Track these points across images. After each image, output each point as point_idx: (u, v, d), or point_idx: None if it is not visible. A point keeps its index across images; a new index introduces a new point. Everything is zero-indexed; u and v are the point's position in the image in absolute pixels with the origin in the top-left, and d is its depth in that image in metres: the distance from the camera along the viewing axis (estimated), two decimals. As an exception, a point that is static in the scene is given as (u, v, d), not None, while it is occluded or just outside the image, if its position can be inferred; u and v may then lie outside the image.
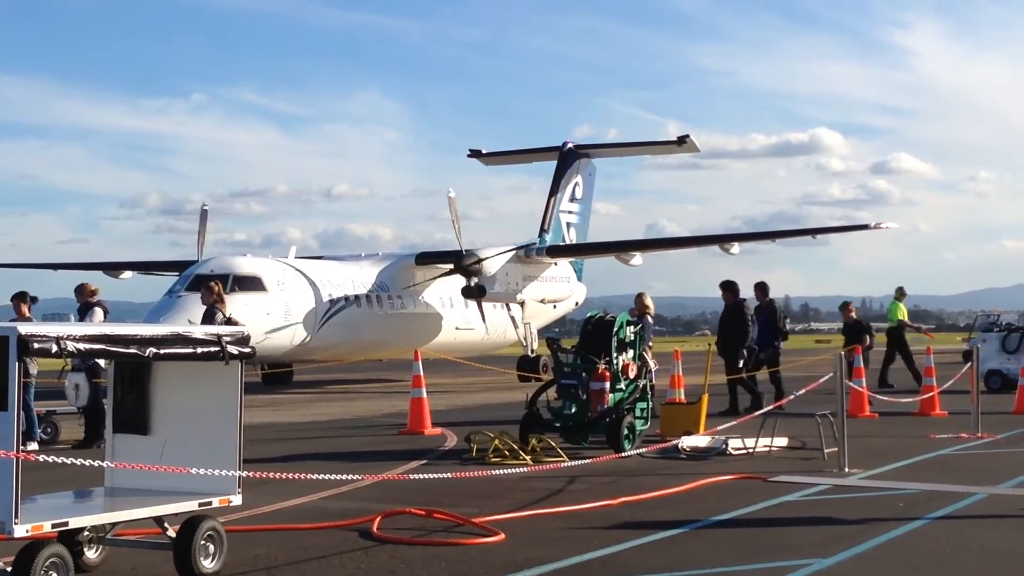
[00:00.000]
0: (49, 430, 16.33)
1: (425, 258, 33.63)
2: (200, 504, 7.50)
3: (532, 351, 35.45)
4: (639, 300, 16.96)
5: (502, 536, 8.74)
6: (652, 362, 15.73)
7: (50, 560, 6.61)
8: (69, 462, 6.78)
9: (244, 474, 7.79)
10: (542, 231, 38.40)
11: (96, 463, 6.97)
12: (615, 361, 14.80)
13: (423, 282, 32.92)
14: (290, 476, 8.08)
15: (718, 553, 8.27)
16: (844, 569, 7.71)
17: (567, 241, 39.42)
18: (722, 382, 20.18)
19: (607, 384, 14.57)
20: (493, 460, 13.44)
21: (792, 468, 12.85)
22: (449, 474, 10.67)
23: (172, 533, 7.50)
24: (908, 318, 29.80)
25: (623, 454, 13.13)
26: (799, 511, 10.14)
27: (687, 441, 14.27)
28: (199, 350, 7.43)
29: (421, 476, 9.94)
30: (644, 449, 13.97)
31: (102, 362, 14.05)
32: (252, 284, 28.31)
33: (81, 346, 6.69)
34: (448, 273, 32.45)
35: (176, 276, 29.92)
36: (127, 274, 38.82)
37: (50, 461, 7.11)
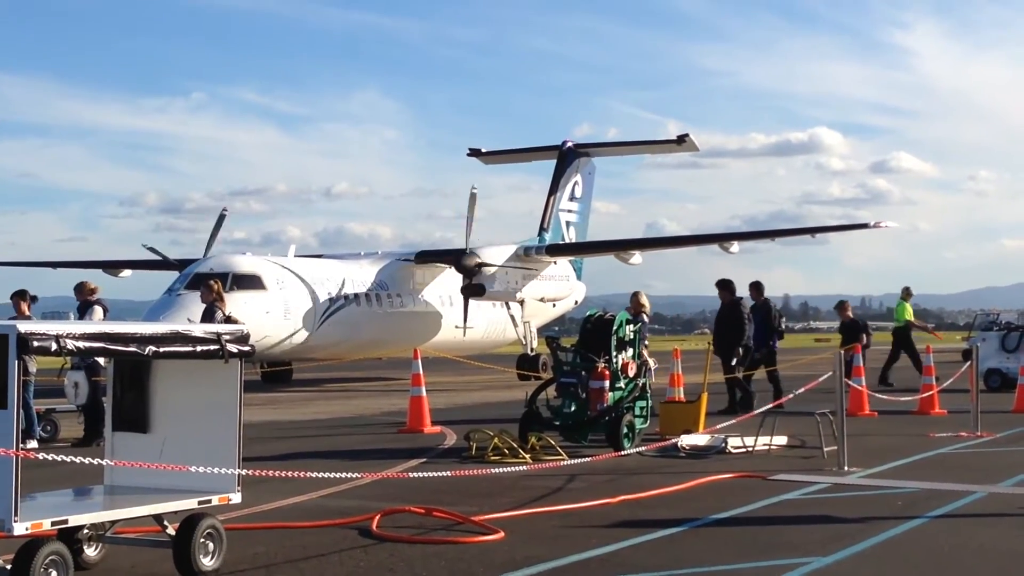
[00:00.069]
0: (49, 428, 16.33)
1: (425, 257, 33.62)
2: (199, 502, 7.50)
3: (531, 350, 35.46)
4: (635, 299, 16.92)
5: (501, 534, 8.74)
6: (652, 361, 15.72)
7: (50, 558, 6.60)
8: (69, 460, 6.78)
9: (243, 472, 7.79)
10: (542, 230, 38.41)
11: (95, 461, 6.96)
12: (614, 360, 14.81)
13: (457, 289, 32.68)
14: (289, 474, 8.07)
15: (717, 551, 8.27)
16: (843, 568, 7.72)
17: (567, 240, 39.42)
18: (721, 380, 20.19)
19: (606, 383, 14.58)
20: (492, 458, 13.43)
21: (791, 467, 12.85)
22: (448, 472, 10.68)
23: (172, 531, 7.51)
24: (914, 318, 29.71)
25: (622, 452, 13.13)
26: (798, 509, 10.14)
27: (686, 439, 14.28)
28: (198, 348, 7.44)
29: (420, 474, 9.95)
30: (643, 448, 13.99)
31: (102, 360, 14.04)
32: (252, 283, 28.30)
33: (81, 344, 6.69)
34: (467, 286, 32.20)
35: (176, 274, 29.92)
36: (126, 272, 38.83)
37: (50, 459, 7.12)
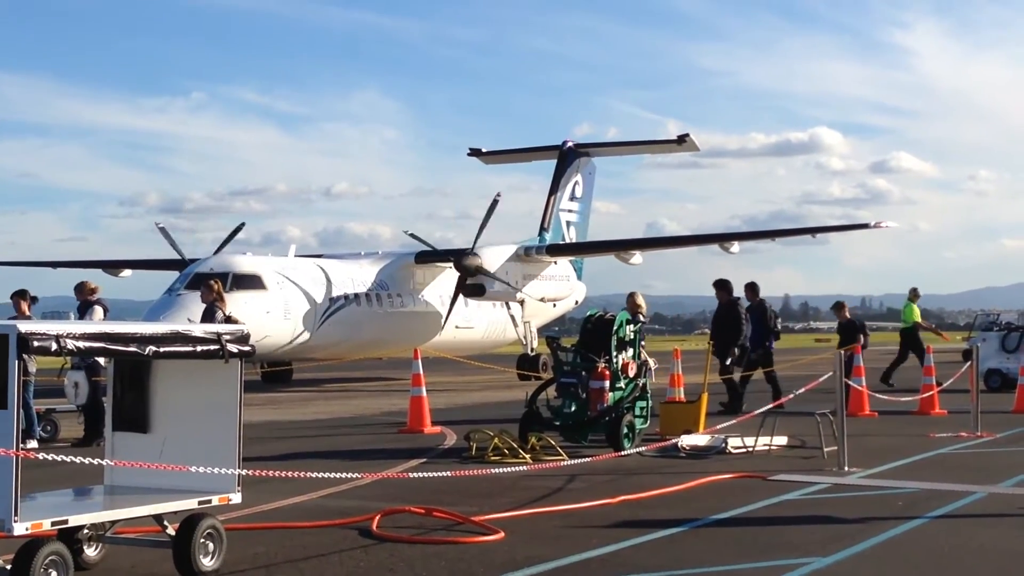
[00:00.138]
0: (49, 428, 16.33)
1: (425, 257, 33.61)
2: (200, 502, 7.49)
3: (532, 350, 35.46)
4: (631, 300, 16.86)
5: (501, 535, 8.74)
6: (652, 361, 15.72)
7: (50, 558, 6.60)
8: (69, 460, 6.78)
9: (243, 472, 7.79)
10: (542, 230, 38.42)
11: (96, 461, 6.96)
12: (615, 360, 14.81)
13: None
14: (289, 474, 8.07)
15: (717, 552, 8.27)
16: (843, 568, 7.72)
17: (567, 240, 39.42)
18: (721, 381, 20.17)
19: (607, 383, 14.57)
20: (492, 459, 13.43)
21: (792, 467, 12.85)
22: (448, 472, 10.68)
23: (172, 531, 7.51)
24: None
25: (623, 453, 13.13)
26: (798, 510, 10.14)
27: (686, 440, 14.27)
28: (199, 348, 7.44)
29: (420, 474, 9.94)
30: (644, 448, 13.99)
31: (102, 360, 14.04)
32: (252, 282, 28.30)
33: (81, 344, 6.69)
34: (460, 281, 32.21)
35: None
36: (126, 272, 38.83)
37: (50, 459, 7.12)
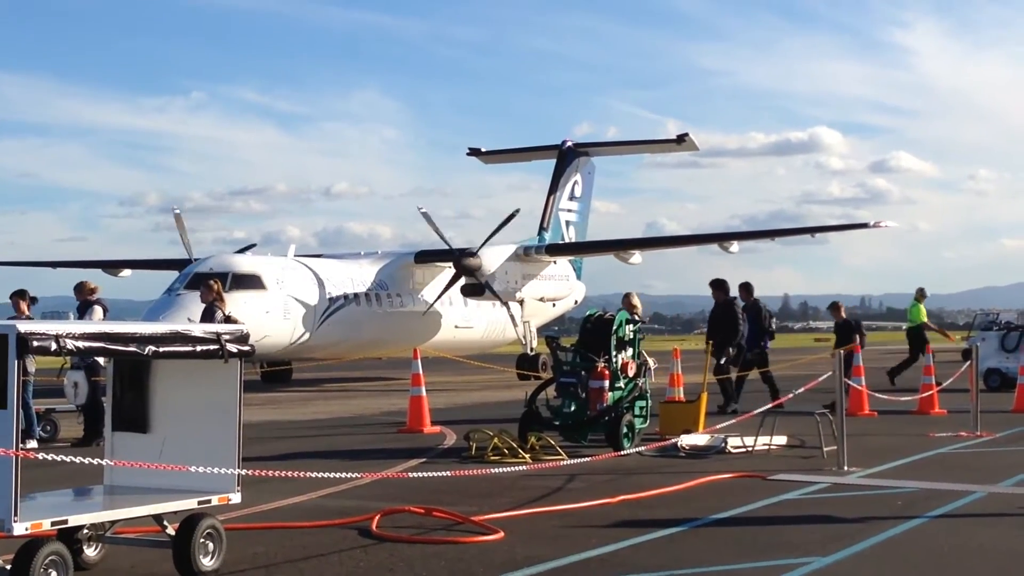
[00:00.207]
0: (48, 428, 16.32)
1: (425, 256, 33.61)
2: (199, 502, 7.49)
3: (531, 349, 35.46)
4: (626, 300, 16.81)
5: (501, 534, 8.74)
6: (651, 361, 15.71)
7: (49, 558, 6.60)
8: (68, 460, 6.78)
9: (243, 472, 7.79)
10: (541, 229, 38.43)
11: (95, 461, 6.96)
12: (614, 359, 14.81)
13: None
14: (289, 474, 8.07)
15: (717, 551, 8.27)
16: (843, 567, 7.71)
17: (566, 239, 39.43)
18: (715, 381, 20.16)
19: (606, 382, 14.58)
20: (492, 458, 13.43)
21: (791, 466, 12.85)
22: (448, 472, 10.68)
23: (171, 531, 7.50)
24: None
25: (622, 452, 13.13)
26: (798, 509, 10.14)
27: (686, 439, 14.27)
28: (198, 348, 7.43)
29: (420, 474, 9.94)
30: (643, 447, 14.00)
31: (101, 360, 14.04)
32: (251, 282, 28.30)
33: (80, 344, 6.68)
34: (455, 275, 32.21)
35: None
36: (126, 272, 38.83)
37: (49, 459, 7.12)
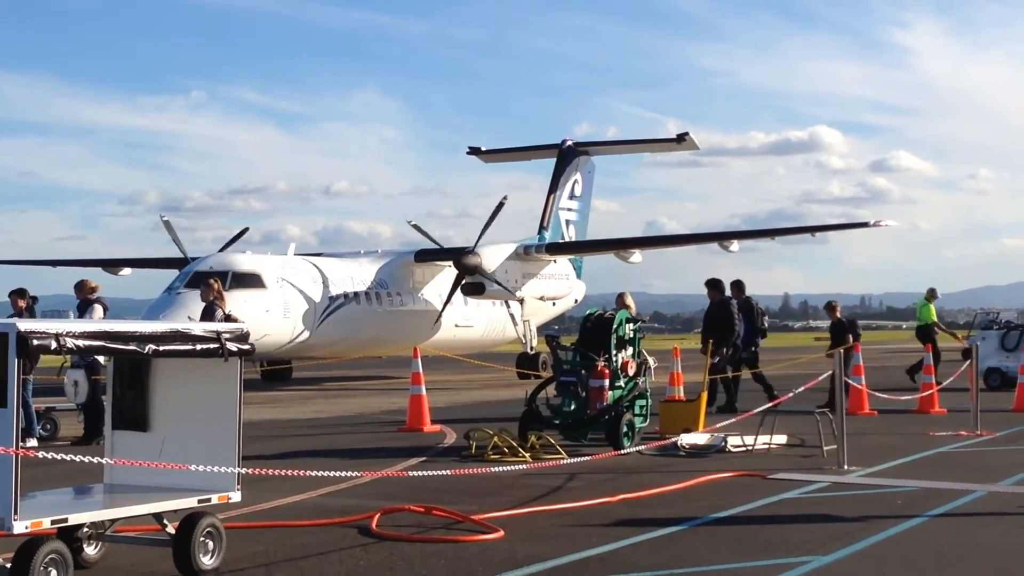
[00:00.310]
0: (48, 427, 16.33)
1: (425, 255, 33.60)
2: (199, 501, 7.49)
3: (531, 348, 35.45)
4: (620, 300, 16.80)
5: (501, 533, 8.74)
6: (651, 360, 15.71)
7: (49, 556, 6.60)
8: (68, 459, 6.79)
9: (243, 471, 7.79)
10: (541, 228, 38.42)
11: (95, 460, 6.97)
12: (614, 358, 14.81)
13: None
14: (289, 473, 8.08)
15: (717, 550, 8.27)
16: (843, 566, 7.72)
17: (566, 238, 39.41)
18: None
19: (606, 381, 14.58)
20: (492, 457, 13.43)
21: (791, 465, 12.86)
22: (448, 471, 10.69)
23: (171, 530, 7.50)
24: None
25: (622, 451, 13.13)
26: (798, 508, 10.14)
27: (686, 438, 14.27)
28: (198, 347, 7.44)
29: (420, 473, 9.95)
30: (643, 446, 14.01)
31: (101, 359, 14.04)
32: (251, 281, 28.29)
33: (80, 343, 6.69)
34: (458, 277, 32.18)
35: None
36: (126, 271, 38.83)
37: (49, 458, 7.11)
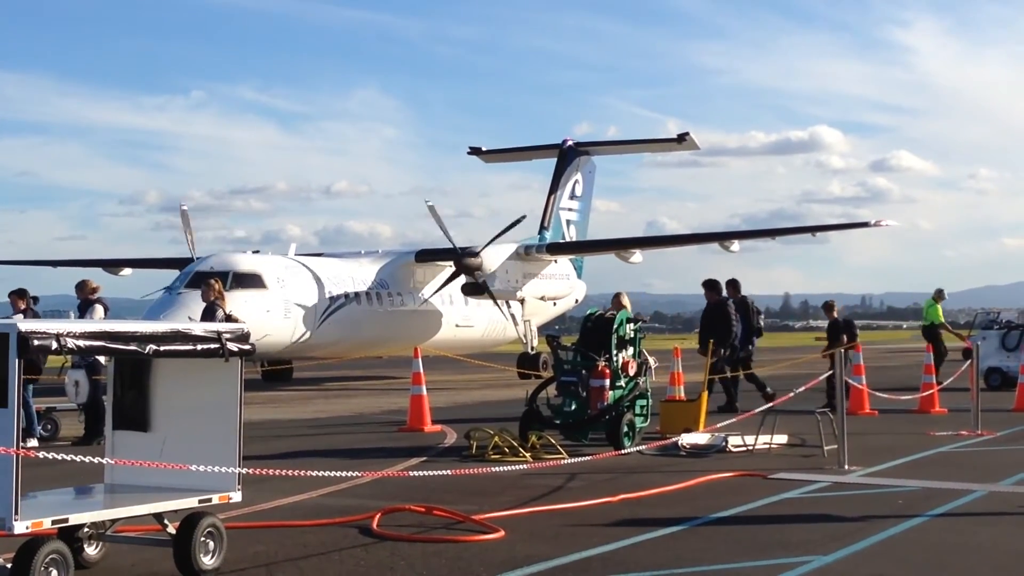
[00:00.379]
0: (49, 427, 16.33)
1: (425, 255, 33.60)
2: (200, 501, 7.50)
3: (532, 348, 35.44)
4: (616, 300, 16.78)
5: (501, 533, 8.75)
6: (652, 359, 15.71)
7: (50, 556, 6.60)
8: (69, 459, 6.79)
9: (244, 471, 7.79)
10: (542, 228, 38.41)
11: (96, 460, 6.97)
12: (615, 358, 14.82)
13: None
14: (290, 473, 8.08)
15: (717, 550, 8.27)
16: (843, 566, 7.72)
17: (567, 238, 39.41)
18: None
19: (607, 381, 14.58)
20: (493, 457, 13.42)
21: (792, 465, 12.86)
22: (449, 471, 10.69)
23: (172, 530, 7.51)
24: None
25: (623, 451, 13.13)
26: (799, 508, 10.15)
27: (687, 438, 14.27)
28: (199, 347, 7.44)
29: (421, 473, 9.95)
30: (644, 446, 14.01)
31: (102, 359, 14.04)
32: (252, 281, 28.28)
33: (81, 343, 6.69)
34: (453, 276, 32.17)
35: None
36: (127, 271, 38.83)
37: (50, 458, 7.12)
